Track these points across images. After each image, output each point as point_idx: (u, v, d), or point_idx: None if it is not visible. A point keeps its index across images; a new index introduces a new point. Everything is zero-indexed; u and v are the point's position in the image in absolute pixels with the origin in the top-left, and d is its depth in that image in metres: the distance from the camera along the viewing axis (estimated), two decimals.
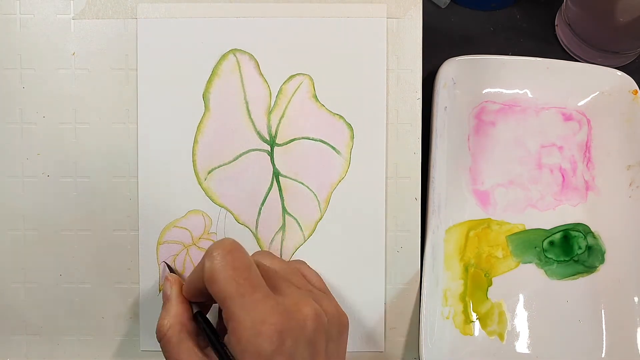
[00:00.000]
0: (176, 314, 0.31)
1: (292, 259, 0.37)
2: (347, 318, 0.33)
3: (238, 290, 0.28)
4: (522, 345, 0.39)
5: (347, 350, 0.37)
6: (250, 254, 0.33)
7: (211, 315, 0.33)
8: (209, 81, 0.37)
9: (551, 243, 0.40)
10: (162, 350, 0.30)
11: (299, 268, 0.35)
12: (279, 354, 0.27)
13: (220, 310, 0.29)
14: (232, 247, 0.29)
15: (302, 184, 0.37)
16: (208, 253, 0.29)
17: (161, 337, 0.30)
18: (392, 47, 0.37)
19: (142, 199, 0.37)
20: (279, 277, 0.31)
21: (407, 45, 0.37)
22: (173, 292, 0.32)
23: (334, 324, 0.31)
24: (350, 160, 0.37)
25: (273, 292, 0.29)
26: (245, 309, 0.27)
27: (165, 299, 0.32)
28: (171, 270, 0.36)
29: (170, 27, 0.37)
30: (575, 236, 0.40)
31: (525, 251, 0.40)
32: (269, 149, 0.37)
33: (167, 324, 0.30)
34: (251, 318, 0.27)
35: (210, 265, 0.28)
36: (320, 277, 0.36)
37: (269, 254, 0.35)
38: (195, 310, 0.32)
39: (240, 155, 0.37)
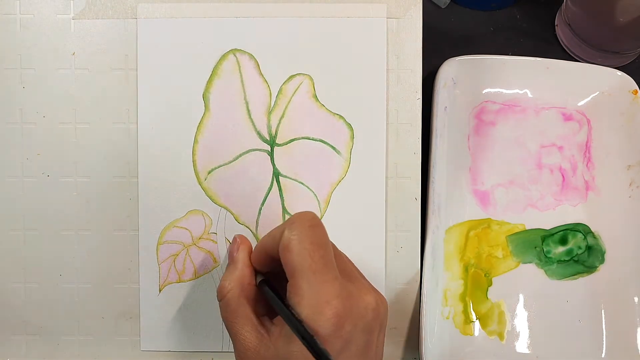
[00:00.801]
0: (239, 277, 0.31)
1: None
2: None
3: (311, 266, 0.28)
4: (522, 345, 0.39)
5: None
6: None
7: None
8: (209, 81, 0.37)
9: (551, 243, 0.40)
10: (220, 311, 0.30)
11: None
12: (336, 337, 0.27)
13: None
14: (313, 222, 0.29)
15: (302, 184, 0.37)
16: (289, 222, 0.29)
17: (221, 298, 0.30)
18: (392, 47, 0.37)
19: (142, 199, 0.37)
20: (349, 263, 0.31)
21: (407, 45, 0.37)
22: (240, 255, 0.32)
23: (386, 315, 0.31)
24: (350, 160, 0.37)
25: (341, 275, 0.29)
26: (312, 286, 0.27)
27: (231, 260, 0.32)
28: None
29: (170, 27, 0.37)
30: (575, 236, 0.40)
31: (525, 251, 0.40)
32: (269, 149, 0.37)
33: (229, 286, 0.30)
34: (316, 296, 0.27)
35: (289, 235, 0.28)
36: None
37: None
38: (259, 279, 0.31)
39: (240, 155, 0.37)
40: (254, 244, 0.37)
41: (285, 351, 0.28)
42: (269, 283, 0.31)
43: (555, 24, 0.45)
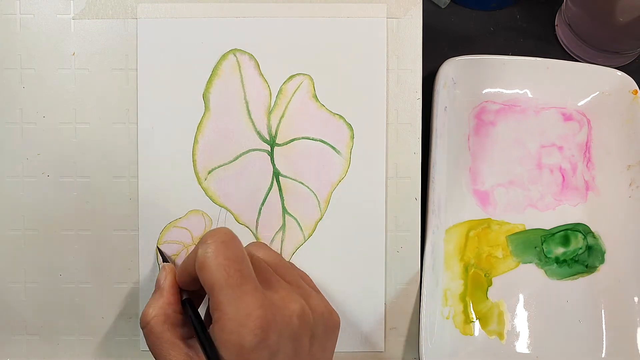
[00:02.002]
0: (164, 304, 0.30)
1: (292, 259, 0.37)
2: (339, 318, 0.32)
3: (227, 281, 0.27)
4: (522, 345, 0.39)
5: (347, 350, 0.37)
6: (245, 245, 0.33)
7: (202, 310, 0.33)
8: (209, 81, 0.37)
9: (551, 243, 0.40)
10: (145, 339, 0.30)
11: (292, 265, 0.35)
12: (261, 348, 0.27)
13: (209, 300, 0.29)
14: (226, 237, 0.29)
15: (302, 184, 0.37)
16: (202, 240, 0.29)
17: (144, 325, 0.30)
18: (392, 47, 0.37)
19: (142, 199, 0.37)
20: (270, 271, 0.31)
21: (407, 45, 0.37)
22: (166, 282, 0.31)
23: (320, 322, 0.31)
24: (350, 160, 0.37)
25: (262, 285, 0.29)
26: (232, 300, 0.27)
27: (157, 287, 0.32)
28: (164, 258, 0.36)
29: (170, 27, 0.37)
30: (575, 236, 0.40)
31: (525, 251, 0.40)
32: (269, 149, 0.37)
33: (152, 312, 0.30)
34: (237, 309, 0.27)
35: (203, 253, 0.28)
36: (310, 278, 0.36)
37: (264, 245, 0.35)
38: (184, 297, 0.31)
39: (240, 155, 0.37)
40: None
41: None
42: (191, 303, 0.31)
43: (555, 24, 0.45)
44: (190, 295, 0.32)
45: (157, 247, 0.36)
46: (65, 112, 0.37)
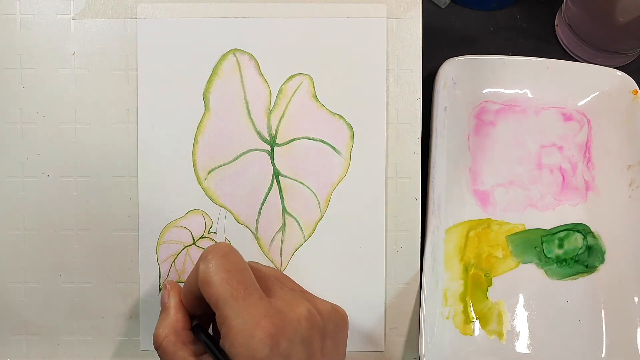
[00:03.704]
0: (172, 323, 0.30)
1: (292, 259, 0.37)
2: (346, 314, 0.32)
3: (232, 293, 0.27)
4: (522, 345, 0.39)
5: (347, 350, 0.37)
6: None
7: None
8: (209, 81, 0.37)
9: (551, 243, 0.40)
10: (160, 359, 0.30)
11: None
12: (274, 356, 0.27)
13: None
14: (226, 250, 0.29)
15: (302, 184, 0.37)
16: (203, 256, 0.29)
17: (157, 346, 0.30)
18: (392, 47, 0.37)
19: (142, 199, 0.37)
20: (272, 279, 0.31)
21: (407, 45, 0.37)
22: (171, 300, 0.31)
23: (329, 321, 0.31)
24: (350, 160, 0.37)
25: (266, 294, 0.29)
26: (238, 312, 0.27)
27: (163, 307, 0.32)
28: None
29: (170, 27, 0.37)
30: (575, 236, 0.40)
31: (525, 251, 0.40)
32: (269, 149, 0.37)
33: (163, 333, 0.30)
34: (244, 321, 0.27)
35: (205, 268, 0.28)
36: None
37: (258, 263, 0.35)
38: (194, 323, 0.31)
39: (240, 155, 0.37)
40: (253, 244, 0.37)
41: None
42: (202, 328, 0.31)
43: (555, 24, 0.45)
44: (199, 320, 0.32)
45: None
46: (65, 112, 0.37)
